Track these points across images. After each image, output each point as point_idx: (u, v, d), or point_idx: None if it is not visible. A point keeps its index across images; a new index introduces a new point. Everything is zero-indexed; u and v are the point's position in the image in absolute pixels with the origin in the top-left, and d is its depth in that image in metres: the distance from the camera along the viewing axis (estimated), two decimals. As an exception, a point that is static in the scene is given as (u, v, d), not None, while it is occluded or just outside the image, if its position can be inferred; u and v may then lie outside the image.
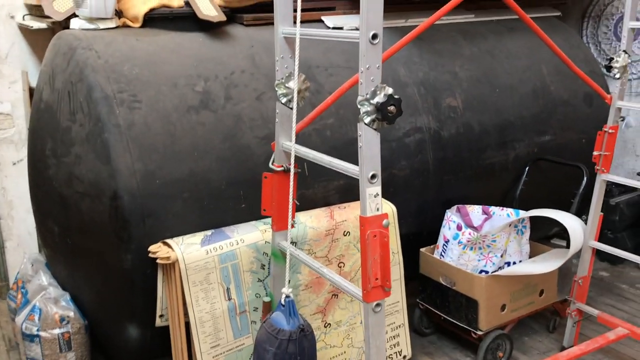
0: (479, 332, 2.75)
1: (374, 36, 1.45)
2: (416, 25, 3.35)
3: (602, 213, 2.77)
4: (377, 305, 1.56)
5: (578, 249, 2.74)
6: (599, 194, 2.70)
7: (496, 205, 3.08)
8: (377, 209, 1.53)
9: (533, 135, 3.32)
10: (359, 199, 2.68)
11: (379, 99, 1.47)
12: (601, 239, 3.79)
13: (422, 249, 3.00)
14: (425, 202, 3.03)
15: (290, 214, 1.79)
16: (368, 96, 1.47)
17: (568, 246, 2.79)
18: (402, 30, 3.10)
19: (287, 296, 1.76)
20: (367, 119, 1.48)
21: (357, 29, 3.14)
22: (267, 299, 2.16)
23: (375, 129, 1.50)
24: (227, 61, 2.64)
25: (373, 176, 1.53)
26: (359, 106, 1.49)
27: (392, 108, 1.47)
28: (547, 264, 2.78)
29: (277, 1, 1.80)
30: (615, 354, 2.92)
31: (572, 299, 2.87)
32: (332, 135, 2.74)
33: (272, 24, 1.91)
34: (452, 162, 3.07)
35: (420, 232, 3.07)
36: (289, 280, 2.41)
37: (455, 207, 3.04)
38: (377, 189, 1.54)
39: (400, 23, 3.21)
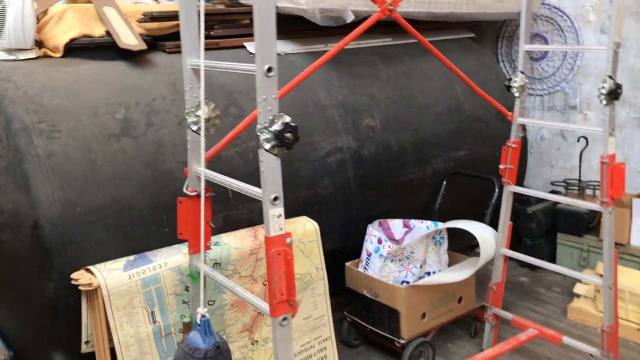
0: (402, 341, 2.88)
1: (269, 69, 1.56)
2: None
3: (511, 222, 2.96)
4: (284, 319, 1.66)
5: (490, 258, 2.92)
6: (506, 204, 2.89)
7: (417, 218, 3.24)
8: (281, 229, 1.63)
9: (449, 151, 3.51)
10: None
11: (277, 127, 1.58)
12: (520, 246, 4.03)
13: (347, 263, 3.12)
14: (348, 218, 3.16)
15: (202, 236, 1.88)
16: (267, 124, 1.58)
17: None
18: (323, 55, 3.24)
19: (203, 316, 1.83)
20: (267, 146, 1.59)
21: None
22: (187, 320, 2.22)
23: (275, 155, 1.61)
24: (148, 88, 2.71)
25: (275, 198, 1.63)
26: (258, 134, 1.59)
27: (289, 135, 1.59)
28: (462, 272, 2.94)
29: (183, 35, 1.90)
30: (530, 353, 3.11)
31: (488, 304, 3.04)
32: (254, 157, 2.81)
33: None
34: (373, 179, 3.21)
35: (345, 247, 3.19)
36: (213, 301, 2.49)
37: (377, 221, 3.18)
38: (280, 210, 1.64)
39: (321, 48, 3.35)
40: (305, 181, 2.98)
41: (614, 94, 2.39)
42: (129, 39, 2.80)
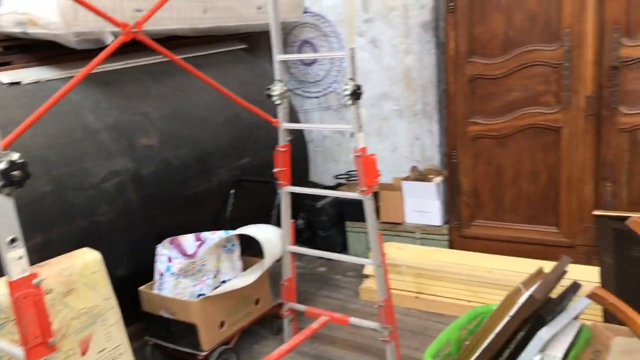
0: (203, 353, 2.91)
1: (-16, 108, 1.49)
2: (103, 72, 3.41)
3: (293, 220, 3.14)
4: (43, 362, 1.61)
5: (276, 257, 3.08)
6: (285, 204, 3.07)
7: (210, 230, 3.30)
8: (24, 271, 1.58)
9: (233, 160, 3.62)
10: (60, 254, 2.67)
11: (2, 166, 1.52)
12: (315, 238, 4.28)
13: (141, 287, 3.08)
14: (136, 241, 3.12)
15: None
16: (-10, 165, 1.52)
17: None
18: (90, 78, 3.15)
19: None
20: (-6, 187, 1.52)
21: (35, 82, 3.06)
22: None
23: (6, 195, 1.55)
24: None
25: (13, 240, 1.57)
26: (-19, 176, 1.52)
27: (17, 173, 1.54)
28: (252, 275, 3.07)
29: None
30: (329, 338, 3.33)
31: (283, 300, 3.20)
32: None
33: None
34: (157, 198, 3.20)
35: (138, 271, 3.14)
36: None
37: (167, 240, 3.17)
38: (20, 251, 1.58)
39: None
40: (82, 210, 2.88)
41: (355, 94, 2.65)
42: None
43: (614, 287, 2.37)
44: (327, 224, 4.31)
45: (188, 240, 3.24)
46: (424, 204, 3.97)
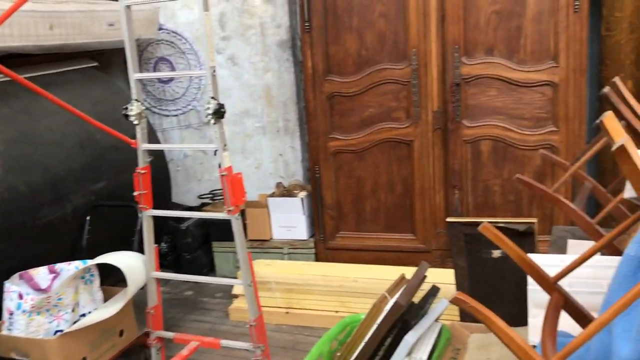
0: (63, 395, 2.70)
1: None
2: None
3: (157, 245, 3.02)
4: None
5: (140, 285, 2.94)
6: (148, 228, 2.95)
7: (67, 260, 3.07)
8: None
9: (87, 184, 3.41)
10: None
11: None
12: (181, 261, 4.17)
13: (-13, 330, 2.79)
14: (-20, 279, 2.82)
15: None
16: None
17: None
18: None
19: None
20: None
21: None
22: None
23: None
24: None
25: None
26: None
27: None
28: (115, 305, 2.91)
29: None
30: (202, 364, 3.26)
31: (150, 329, 3.06)
32: None
33: None
34: (3, 229, 2.92)
35: (-18, 311, 2.84)
36: None
37: (16, 275, 2.90)
38: None
39: None
40: None
41: (218, 113, 2.63)
42: None
43: (468, 287, 2.57)
44: (192, 245, 4.21)
45: (41, 274, 2.99)
46: (290, 219, 4.02)
